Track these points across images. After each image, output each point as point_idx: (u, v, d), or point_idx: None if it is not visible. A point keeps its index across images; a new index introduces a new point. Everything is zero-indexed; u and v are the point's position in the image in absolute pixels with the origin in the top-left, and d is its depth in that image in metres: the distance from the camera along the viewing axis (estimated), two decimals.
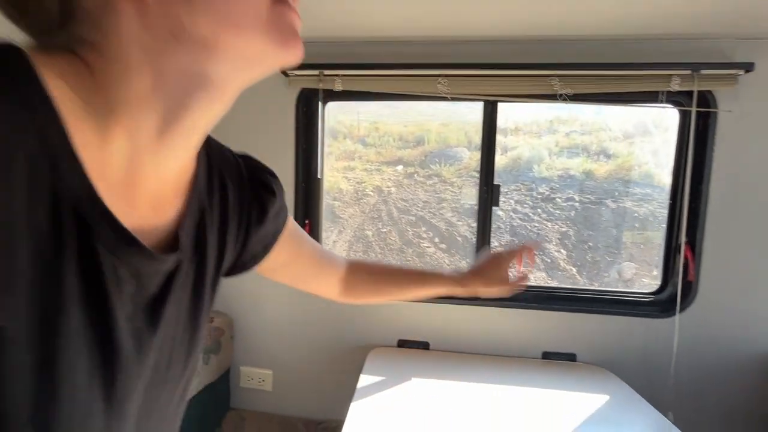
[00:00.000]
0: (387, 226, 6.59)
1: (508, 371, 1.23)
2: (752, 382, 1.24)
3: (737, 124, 1.17)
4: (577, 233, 4.50)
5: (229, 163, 0.40)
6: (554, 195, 5.23)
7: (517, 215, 6.45)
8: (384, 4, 1.03)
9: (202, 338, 0.38)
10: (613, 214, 3.79)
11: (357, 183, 6.75)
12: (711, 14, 1.03)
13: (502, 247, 0.76)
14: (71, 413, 0.24)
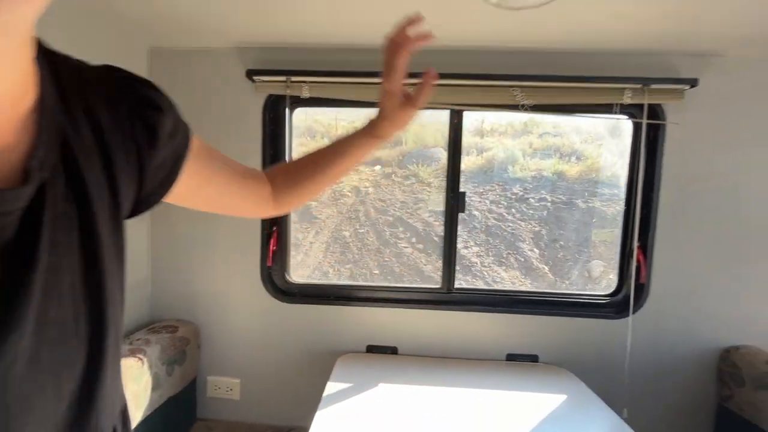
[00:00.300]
0: (364, 227, 6.58)
1: (474, 373, 1.26)
2: (701, 377, 1.32)
3: (684, 136, 1.25)
4: (549, 232, 4.63)
5: (90, 78, 0.34)
6: (528, 195, 5.37)
7: (492, 215, 6.57)
8: (352, 13, 1.04)
9: (113, 289, 0.34)
10: (583, 214, 3.93)
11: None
12: (661, 32, 1.10)
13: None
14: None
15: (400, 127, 0.55)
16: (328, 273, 6.30)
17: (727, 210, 1.27)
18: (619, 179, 2.20)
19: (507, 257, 5.84)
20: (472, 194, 6.45)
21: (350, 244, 6.47)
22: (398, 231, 5.90)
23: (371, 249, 6.18)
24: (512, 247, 5.79)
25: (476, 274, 5.88)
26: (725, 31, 1.05)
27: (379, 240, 6.23)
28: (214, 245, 1.37)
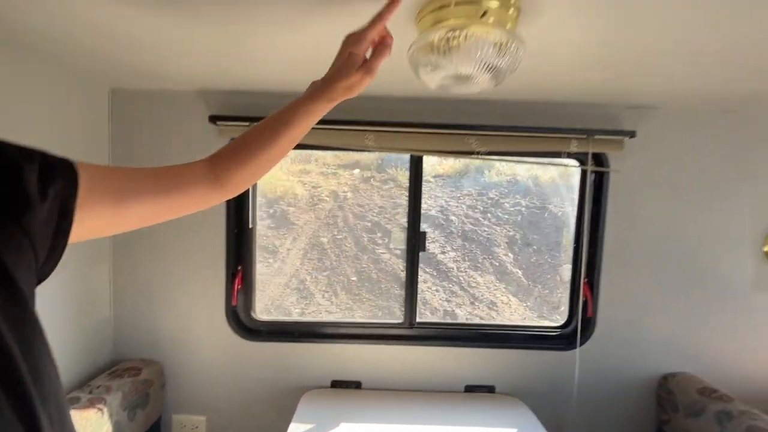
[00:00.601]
0: (342, 233, 6.56)
1: (434, 406, 1.32)
2: (643, 403, 1.42)
3: (624, 182, 1.34)
4: (523, 237, 4.78)
5: None
6: (503, 200, 5.52)
7: (469, 220, 6.70)
8: (315, 63, 1.07)
9: (38, 366, 0.34)
10: (555, 218, 4.09)
11: (313, 187, 6.65)
12: (603, 87, 1.18)
13: None
14: None
15: (353, 93, 0.57)
16: (306, 280, 6.26)
17: (665, 249, 1.38)
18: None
19: (483, 262, 5.96)
20: (449, 199, 6.57)
21: (328, 250, 6.45)
22: (376, 237, 5.93)
23: (349, 255, 6.19)
24: (488, 252, 5.91)
25: (453, 279, 5.96)
26: (659, 87, 1.14)
27: (357, 246, 6.24)
28: (178, 284, 1.37)
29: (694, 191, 1.36)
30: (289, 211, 6.95)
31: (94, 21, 0.78)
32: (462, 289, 5.51)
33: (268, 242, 5.86)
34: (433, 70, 0.69)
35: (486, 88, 0.73)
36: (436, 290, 5.50)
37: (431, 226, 6.48)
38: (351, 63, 0.54)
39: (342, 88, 0.56)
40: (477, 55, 0.65)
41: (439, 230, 6.30)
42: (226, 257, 1.36)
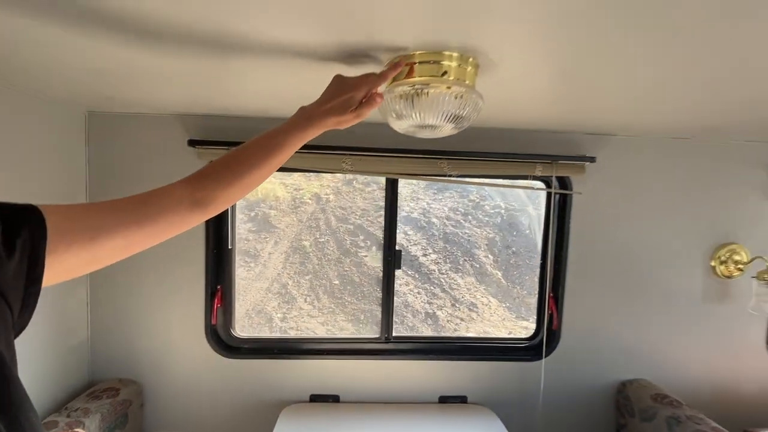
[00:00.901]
0: (325, 236, 6.55)
1: (409, 417, 1.38)
2: (603, 408, 1.52)
3: (586, 203, 1.44)
4: (502, 239, 4.89)
5: None
6: (483, 202, 5.62)
7: (450, 222, 6.80)
8: (285, 94, 1.11)
9: (15, 393, 0.36)
10: (533, 221, 4.21)
11: (295, 190, 6.61)
12: (564, 117, 1.26)
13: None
14: None
15: (341, 127, 0.65)
16: (287, 284, 6.21)
17: (623, 265, 1.48)
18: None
19: (463, 264, 6.05)
20: (431, 201, 6.62)
21: (310, 254, 6.43)
22: (359, 240, 5.94)
23: (332, 259, 6.17)
24: (468, 254, 6.01)
25: (434, 281, 6.02)
26: (614, 119, 1.23)
27: (340, 249, 6.24)
28: (157, 303, 1.39)
29: (649, 211, 1.46)
30: (271, 214, 6.89)
31: (68, 57, 0.80)
32: (443, 291, 5.59)
33: (249, 246, 5.78)
34: (400, 119, 0.75)
35: (449, 134, 0.79)
36: (418, 293, 5.58)
37: (413, 229, 6.55)
38: (348, 104, 0.63)
39: (334, 122, 0.63)
40: (439, 107, 0.71)
41: (421, 233, 6.36)
42: (206, 277, 1.39)
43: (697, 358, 1.52)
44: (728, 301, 1.50)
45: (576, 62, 0.74)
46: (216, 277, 1.41)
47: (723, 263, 1.48)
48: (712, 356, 1.52)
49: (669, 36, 0.60)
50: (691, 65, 0.73)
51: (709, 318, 1.51)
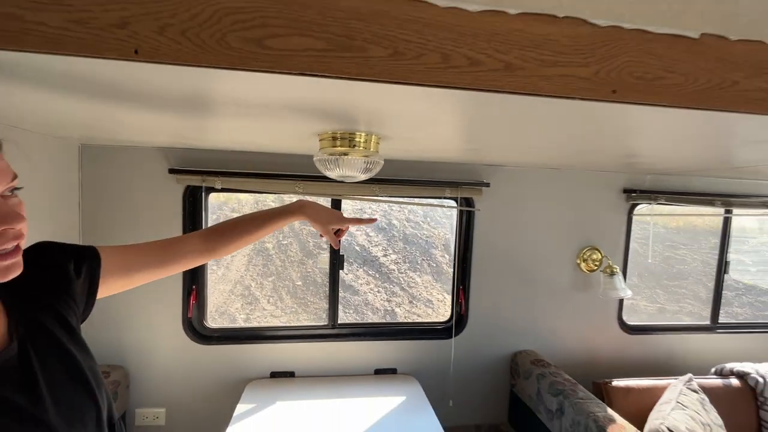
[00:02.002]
0: (288, 238, 6.81)
1: (351, 385, 1.77)
2: (500, 373, 1.99)
3: (484, 217, 1.89)
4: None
5: (22, 279, 0.54)
6: (442, 204, 5.97)
7: (410, 224, 7.25)
8: (253, 134, 1.46)
9: (90, 372, 0.58)
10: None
11: (257, 192, 6.73)
12: (465, 155, 1.70)
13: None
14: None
15: (323, 231, 0.93)
16: (251, 286, 6.38)
17: (513, 263, 1.95)
18: None
19: (421, 263, 6.51)
20: (392, 204, 6.99)
21: (273, 256, 6.67)
22: (322, 241, 6.22)
23: (294, 260, 6.45)
24: (426, 254, 6.48)
25: (393, 281, 6.42)
26: (502, 156, 1.68)
27: (303, 251, 6.53)
28: (140, 302, 1.68)
29: (531, 222, 1.94)
30: (233, 217, 6.92)
31: (61, 114, 1.09)
32: (402, 289, 6.03)
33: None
34: (331, 171, 1.13)
35: (363, 179, 1.19)
36: (378, 291, 5.99)
37: (375, 230, 6.93)
38: (331, 234, 0.94)
39: (311, 222, 0.93)
40: (354, 166, 1.10)
41: (382, 234, 6.75)
42: (183, 278, 1.70)
43: (568, 332, 2.03)
44: (590, 290, 2.01)
45: (461, 130, 1.15)
46: (192, 279, 1.73)
47: (585, 261, 1.99)
48: (579, 330, 2.03)
49: (534, 109, 1.01)
50: (555, 128, 1.16)
51: (576, 302, 2.01)
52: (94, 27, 0.60)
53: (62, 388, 0.56)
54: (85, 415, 0.58)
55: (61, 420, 0.55)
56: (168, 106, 0.94)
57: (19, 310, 0.57)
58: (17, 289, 0.57)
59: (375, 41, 0.67)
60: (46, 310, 0.59)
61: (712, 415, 1.50)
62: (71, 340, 0.60)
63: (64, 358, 0.58)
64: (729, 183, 2.07)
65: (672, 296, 5.40)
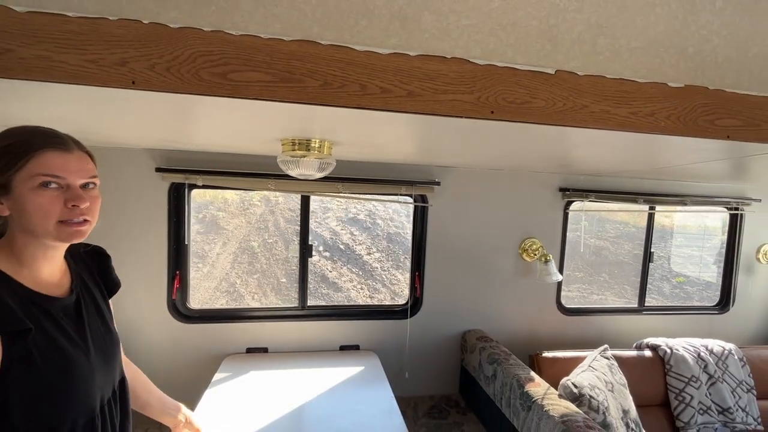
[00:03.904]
0: (273, 237, 6.98)
1: (318, 359, 2.01)
2: (452, 349, 2.25)
3: (437, 212, 2.16)
4: None
5: (79, 252, 0.87)
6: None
7: (394, 224, 7.48)
8: (230, 132, 1.68)
9: (114, 330, 0.86)
10: None
11: (244, 192, 6.94)
12: (419, 157, 1.95)
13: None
14: (81, 376, 0.76)
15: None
16: (236, 283, 6.55)
17: (462, 252, 2.21)
18: None
19: (404, 261, 6.74)
20: (377, 204, 7.21)
21: (258, 254, 6.85)
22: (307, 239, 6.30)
23: (279, 258, 6.64)
24: (409, 252, 6.69)
25: (377, 278, 6.65)
26: (453, 160, 1.94)
27: (288, 250, 6.73)
28: (128, 285, 1.89)
29: (478, 216, 2.21)
30: (219, 215, 7.19)
31: (49, 119, 1.33)
32: (384, 286, 6.27)
33: (197, 247, 6.07)
34: (290, 170, 1.38)
35: (320, 176, 1.44)
36: (361, 288, 6.22)
37: (359, 230, 7.15)
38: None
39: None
40: (311, 166, 1.35)
41: (366, 233, 6.97)
42: (168, 264, 1.92)
43: (512, 313, 2.30)
44: (530, 276, 2.29)
45: (392, 139, 1.41)
46: (176, 265, 1.95)
47: (525, 251, 2.27)
48: (522, 312, 2.31)
49: (462, 137, 1.27)
50: (484, 148, 1.43)
51: (520, 287, 2.29)
52: (103, 65, 0.84)
53: (99, 335, 0.82)
54: (113, 360, 0.85)
55: (98, 356, 0.79)
56: (159, 120, 1.17)
57: (79, 275, 0.84)
58: (80, 259, 0.87)
59: (309, 75, 0.93)
60: (93, 281, 0.88)
61: (617, 376, 1.79)
62: (105, 306, 0.89)
63: (101, 314, 0.86)
64: (653, 183, 2.38)
65: (616, 285, 5.80)
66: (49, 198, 0.71)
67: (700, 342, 2.16)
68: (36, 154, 0.72)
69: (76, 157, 0.78)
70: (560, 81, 1.04)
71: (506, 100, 1.02)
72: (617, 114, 1.08)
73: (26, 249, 0.73)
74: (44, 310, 0.72)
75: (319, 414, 1.52)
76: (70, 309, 0.78)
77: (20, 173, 0.70)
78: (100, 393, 0.80)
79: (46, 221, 0.71)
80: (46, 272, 0.76)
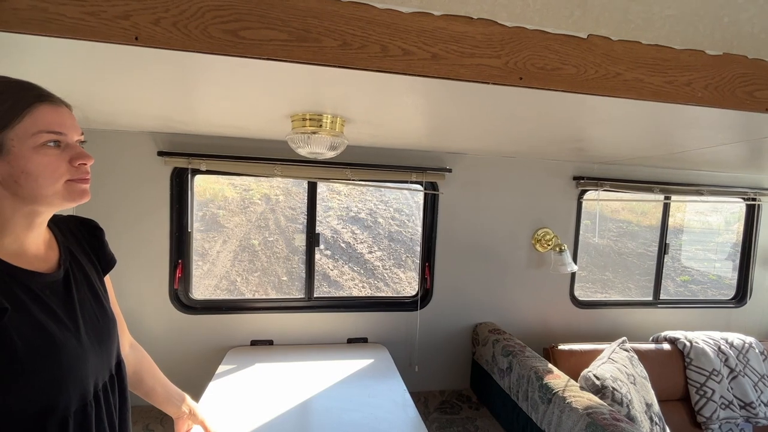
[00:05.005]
0: (274, 235, 6.92)
1: (325, 353, 1.93)
2: (463, 342, 2.18)
3: (447, 200, 2.09)
4: None
5: (68, 225, 0.80)
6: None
7: (395, 222, 7.41)
8: (231, 114, 1.62)
9: (109, 308, 0.77)
10: None
11: (244, 191, 6.85)
12: (430, 143, 1.88)
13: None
14: (70, 359, 0.66)
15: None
16: (236, 281, 6.51)
17: (474, 242, 2.15)
18: None
19: (405, 260, 6.67)
20: (378, 203, 7.16)
21: (259, 252, 6.79)
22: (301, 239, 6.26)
23: (280, 257, 6.57)
24: (411, 251, 6.63)
25: (378, 276, 6.58)
26: (463, 145, 1.88)
27: (289, 248, 6.65)
28: (130, 274, 1.82)
29: (490, 205, 2.14)
30: (219, 214, 7.12)
31: (51, 81, 1.26)
32: (386, 284, 6.21)
33: (197, 245, 6.01)
34: (299, 148, 1.31)
35: (330, 156, 1.37)
36: (363, 287, 6.15)
37: (360, 228, 7.09)
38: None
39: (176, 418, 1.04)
40: (322, 143, 1.28)
41: (368, 231, 6.91)
42: (170, 252, 1.85)
43: (524, 306, 2.23)
44: (543, 267, 2.23)
45: (410, 113, 1.34)
46: (178, 253, 1.88)
47: (538, 241, 2.20)
48: (534, 304, 2.24)
49: (481, 110, 1.19)
50: (499, 126, 1.36)
51: (532, 278, 2.22)
52: (104, 18, 0.77)
53: (91, 314, 0.74)
54: (108, 342, 0.77)
55: (90, 337, 0.72)
56: (161, 89, 1.10)
57: (67, 248, 0.76)
58: (70, 233, 0.80)
59: (327, 34, 0.86)
60: (85, 256, 0.80)
61: (639, 368, 1.72)
62: (99, 283, 0.80)
63: (94, 292, 0.77)
64: (668, 172, 2.31)
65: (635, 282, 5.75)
66: (55, 157, 0.66)
67: (720, 335, 2.09)
68: (30, 109, 0.65)
69: (67, 112, 0.72)
70: (592, 46, 0.97)
71: (535, 66, 0.96)
72: (651, 83, 1.01)
73: (13, 217, 0.65)
74: (25, 286, 0.64)
75: (329, 406, 1.45)
76: (57, 285, 0.70)
77: (14, 131, 0.63)
78: (94, 377, 0.72)
79: (54, 182, 0.65)
80: (30, 244, 0.69)
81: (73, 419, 0.67)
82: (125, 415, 0.83)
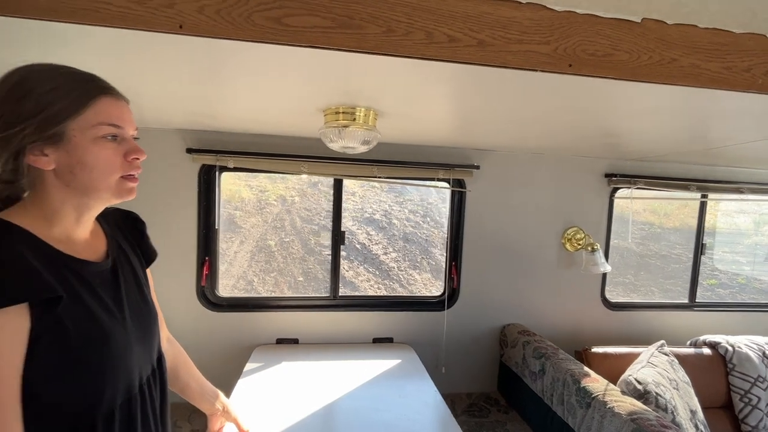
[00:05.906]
0: (290, 236, 6.96)
1: (350, 352, 1.91)
2: (490, 343, 2.13)
3: (475, 198, 2.04)
4: None
5: (113, 217, 0.80)
6: (442, 205, 6.11)
7: (410, 223, 7.37)
8: (258, 113, 1.60)
9: (151, 301, 0.78)
10: None
11: (260, 192, 6.91)
12: (458, 138, 1.85)
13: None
14: (119, 349, 0.67)
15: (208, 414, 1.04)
16: (253, 281, 6.56)
17: (502, 241, 2.09)
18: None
19: (421, 261, 6.63)
20: (393, 204, 7.15)
21: (275, 253, 6.84)
22: (321, 239, 6.33)
23: (296, 257, 6.61)
24: (426, 252, 6.58)
25: (393, 278, 6.56)
26: (491, 141, 1.83)
27: (304, 249, 6.68)
28: (158, 270, 1.83)
29: (518, 203, 2.09)
30: (236, 214, 7.22)
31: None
32: (401, 286, 6.17)
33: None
34: (333, 143, 1.29)
35: (363, 151, 1.34)
36: (378, 288, 6.13)
37: (375, 229, 7.08)
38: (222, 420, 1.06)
39: (210, 414, 1.06)
40: (354, 137, 1.26)
41: (383, 233, 6.89)
42: (197, 250, 1.85)
43: (554, 307, 2.17)
44: (573, 267, 2.16)
45: (447, 105, 1.31)
46: (205, 250, 1.88)
47: (569, 240, 2.14)
48: (564, 306, 2.17)
49: (521, 101, 1.15)
50: (534, 119, 1.32)
51: (561, 279, 2.16)
52: (149, 6, 0.76)
53: (137, 306, 0.74)
54: (150, 335, 0.76)
55: (135, 329, 0.72)
56: (199, 81, 1.09)
57: (115, 239, 0.77)
58: (115, 224, 0.80)
59: (371, 20, 0.83)
60: (130, 248, 0.80)
61: (680, 373, 1.64)
62: (143, 275, 0.81)
63: (138, 283, 0.77)
64: (704, 169, 2.22)
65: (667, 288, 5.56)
66: (112, 150, 0.65)
67: (764, 340, 1.99)
68: (95, 101, 0.64)
69: (126, 106, 0.71)
70: (646, 31, 0.92)
71: (586, 52, 0.91)
72: (709, 69, 0.96)
73: (63, 207, 0.64)
74: (78, 274, 0.64)
75: (359, 406, 1.42)
76: (106, 275, 0.70)
77: (76, 121, 0.62)
78: (138, 369, 0.71)
79: (109, 176, 0.65)
80: (79, 234, 0.69)
81: (119, 412, 0.66)
82: (165, 411, 0.82)
